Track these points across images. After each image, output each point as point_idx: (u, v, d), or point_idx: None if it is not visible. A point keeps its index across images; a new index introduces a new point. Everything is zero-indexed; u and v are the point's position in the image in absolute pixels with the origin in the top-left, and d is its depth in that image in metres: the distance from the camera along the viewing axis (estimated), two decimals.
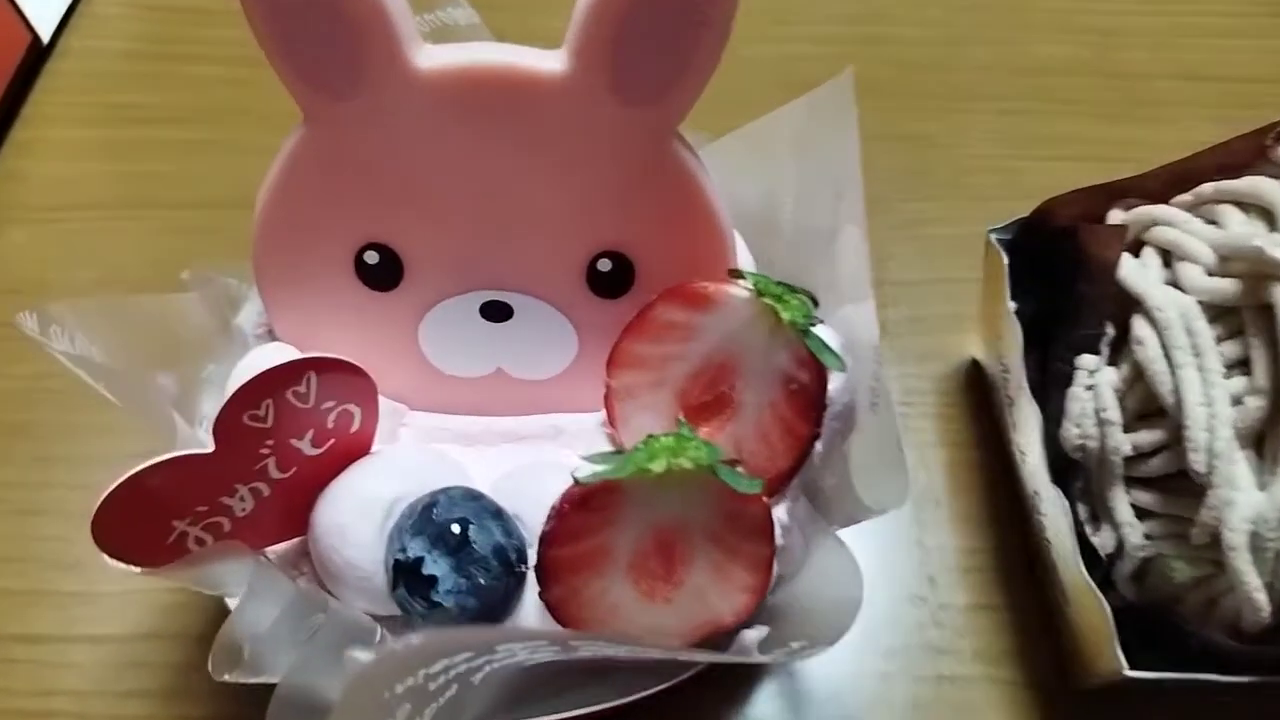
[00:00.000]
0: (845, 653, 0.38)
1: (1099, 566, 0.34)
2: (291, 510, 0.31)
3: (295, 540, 0.32)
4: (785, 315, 0.29)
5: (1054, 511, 0.35)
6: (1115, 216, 0.37)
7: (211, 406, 0.34)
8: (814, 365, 0.30)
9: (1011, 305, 0.39)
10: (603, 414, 0.33)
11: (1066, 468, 0.35)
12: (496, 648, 0.25)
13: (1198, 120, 0.53)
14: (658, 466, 0.27)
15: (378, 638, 0.30)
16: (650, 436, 0.28)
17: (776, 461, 0.31)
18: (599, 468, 0.28)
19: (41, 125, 0.54)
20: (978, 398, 0.45)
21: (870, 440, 0.31)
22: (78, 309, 0.30)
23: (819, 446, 0.31)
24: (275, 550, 0.32)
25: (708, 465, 0.27)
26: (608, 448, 0.32)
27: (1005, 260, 0.39)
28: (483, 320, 0.33)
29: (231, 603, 0.29)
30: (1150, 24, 0.59)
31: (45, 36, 0.57)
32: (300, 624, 0.29)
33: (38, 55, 0.57)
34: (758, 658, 0.29)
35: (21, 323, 0.29)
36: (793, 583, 0.31)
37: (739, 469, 0.28)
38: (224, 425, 0.28)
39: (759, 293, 0.29)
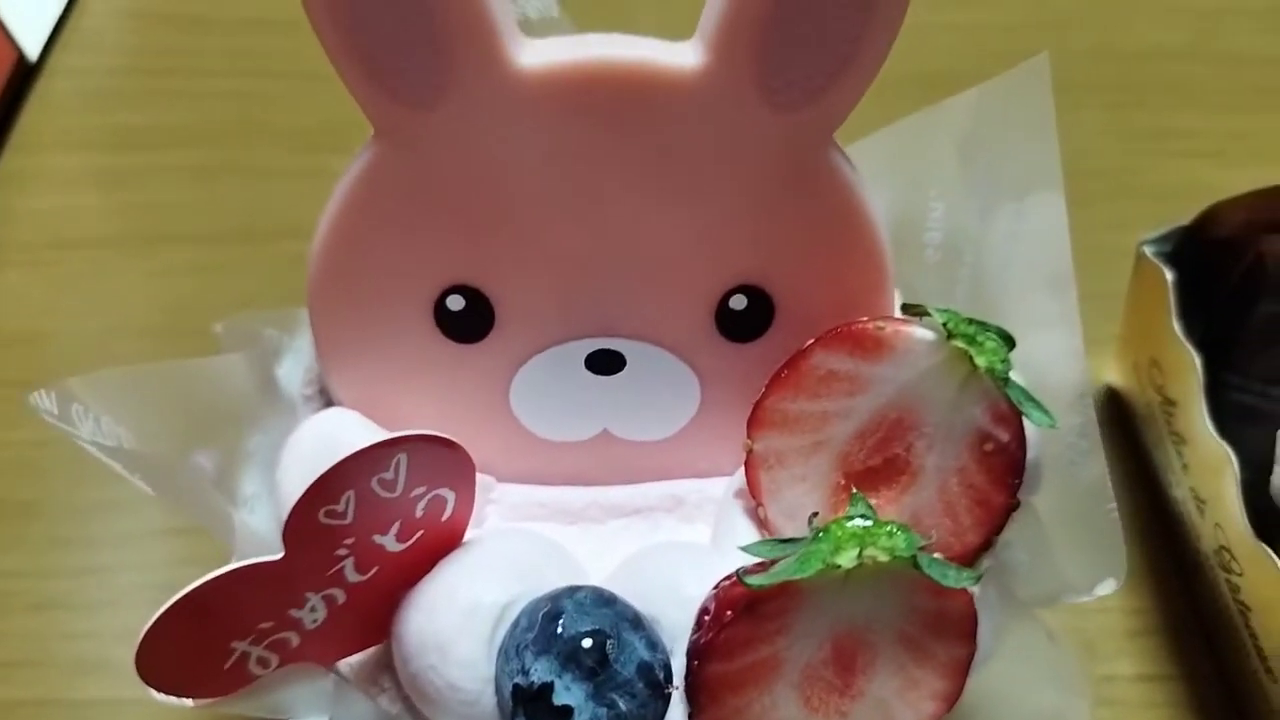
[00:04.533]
0: None
1: None
2: (369, 616, 0.25)
3: (371, 650, 0.26)
4: (981, 361, 0.24)
5: (1258, 574, 0.30)
6: None
7: (255, 484, 0.29)
8: (1015, 422, 0.24)
9: (1179, 329, 0.33)
10: (727, 480, 0.28)
11: (1266, 521, 0.30)
12: None
13: None
14: (846, 561, 0.21)
15: None
16: (832, 522, 0.22)
17: (963, 538, 0.25)
18: (770, 566, 0.22)
19: (32, 153, 0.49)
20: (1116, 433, 0.39)
21: (1072, 505, 0.25)
22: (99, 384, 0.25)
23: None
24: (349, 663, 0.26)
25: (907, 557, 0.22)
26: (746, 525, 0.27)
27: (1170, 278, 0.34)
28: (588, 373, 0.27)
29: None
30: (1255, 4, 0.54)
31: (33, 54, 0.53)
32: None
33: (25, 75, 0.52)
34: None
35: (38, 404, 0.23)
36: (974, 677, 0.26)
37: (937, 554, 0.22)
38: (297, 527, 0.22)
39: (949, 334, 0.24)
